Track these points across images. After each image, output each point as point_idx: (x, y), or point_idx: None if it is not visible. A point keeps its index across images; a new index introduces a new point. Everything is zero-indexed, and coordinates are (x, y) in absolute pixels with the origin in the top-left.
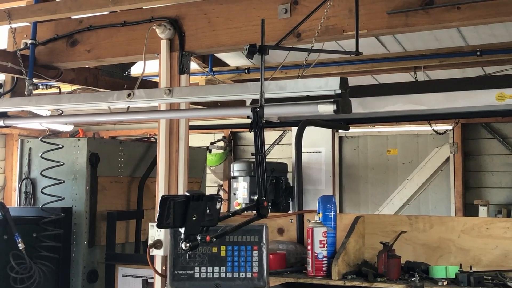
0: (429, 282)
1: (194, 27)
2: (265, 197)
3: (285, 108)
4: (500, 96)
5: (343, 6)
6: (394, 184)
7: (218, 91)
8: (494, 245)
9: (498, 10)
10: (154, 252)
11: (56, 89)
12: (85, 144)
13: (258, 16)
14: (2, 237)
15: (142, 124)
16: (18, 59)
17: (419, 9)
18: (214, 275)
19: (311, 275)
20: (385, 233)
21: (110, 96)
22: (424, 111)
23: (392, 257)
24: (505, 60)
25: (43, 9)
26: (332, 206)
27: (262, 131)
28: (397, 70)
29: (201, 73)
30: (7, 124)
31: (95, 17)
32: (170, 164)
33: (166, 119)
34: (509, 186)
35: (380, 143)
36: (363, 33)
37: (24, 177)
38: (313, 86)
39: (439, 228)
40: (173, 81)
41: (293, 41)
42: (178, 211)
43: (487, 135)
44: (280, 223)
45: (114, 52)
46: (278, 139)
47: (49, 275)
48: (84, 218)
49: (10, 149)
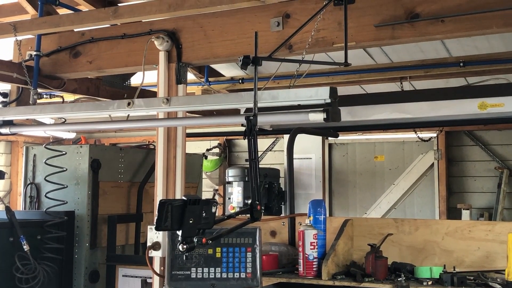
0: (415, 282)
1: (190, 39)
2: (258, 201)
3: (277, 117)
4: (482, 105)
5: (332, 19)
6: (381, 189)
7: (213, 101)
8: (476, 247)
9: (480, 23)
10: (153, 253)
11: (60, 99)
12: (87, 151)
13: (252, 29)
14: (8, 239)
15: (141, 132)
16: (23, 70)
17: (405, 22)
18: (210, 275)
19: (302, 276)
20: (372, 235)
21: (111, 105)
22: (409, 119)
23: (379, 258)
24: (486, 71)
25: (47, 22)
26: (322, 209)
27: (256, 138)
28: (384, 81)
29: (197, 83)
30: (13, 131)
31: (97, 30)
32: (168, 169)
33: (164, 127)
34: (490, 191)
35: (367, 150)
36: (352, 45)
37: (29, 182)
38: (304, 96)
39: (424, 230)
40: (171, 91)
41: (285, 52)
42: (175, 214)
43: (469, 142)
44: (272, 226)
45: (115, 63)
46: (271, 146)
47: (52, 275)
48: (86, 221)
49: (16, 156)
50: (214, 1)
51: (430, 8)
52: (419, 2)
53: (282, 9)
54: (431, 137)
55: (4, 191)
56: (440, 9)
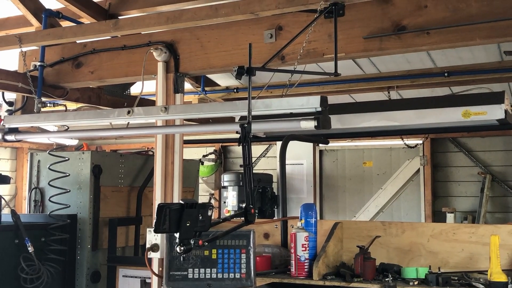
0: (401, 282)
1: (188, 50)
2: (252, 205)
3: (270, 124)
4: (465, 113)
5: (323, 31)
6: (370, 193)
7: (209, 109)
8: (460, 248)
9: (463, 35)
10: (152, 255)
11: (63, 107)
12: (89, 157)
13: (246, 40)
14: (13, 241)
15: (141, 139)
16: (28, 80)
17: (392, 34)
18: (206, 275)
19: (294, 276)
20: (361, 237)
21: (112, 113)
22: (396, 127)
23: (367, 259)
24: (470, 81)
25: (51, 34)
26: (313, 213)
27: (250, 145)
28: (372, 90)
29: (194, 92)
30: (18, 138)
31: (98, 42)
32: (166, 175)
33: (162, 134)
34: (474, 195)
35: (356, 156)
36: (341, 56)
37: (34, 187)
38: (296, 104)
39: (410, 233)
40: (169, 100)
41: (278, 63)
42: (173, 217)
43: (454, 149)
44: (266, 229)
45: (115, 73)
46: (264, 152)
47: (56, 275)
48: (88, 224)
49: (21, 161)
50: (210, 14)
51: (416, 21)
52: (406, 15)
53: (275, 21)
54: (417, 144)
55: (10, 196)
56: (425, 21)
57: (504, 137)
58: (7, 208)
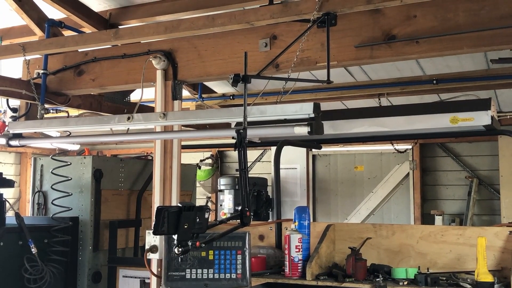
0: (391, 282)
1: (185, 58)
2: (248, 208)
3: (265, 130)
4: (453, 119)
5: (316, 40)
6: (361, 196)
7: (206, 115)
8: (448, 249)
9: (451, 44)
10: (151, 256)
11: (65, 113)
12: (90, 162)
13: (242, 49)
14: (17, 242)
15: (140, 144)
16: (31, 87)
17: (382, 43)
18: (203, 276)
19: (288, 276)
20: (353, 239)
21: (112, 119)
22: (387, 132)
23: (359, 260)
24: (458, 88)
25: (54, 43)
26: (306, 215)
27: (245, 150)
28: (363, 97)
29: (191, 99)
30: (22, 143)
31: (99, 50)
32: (165, 178)
33: (161, 140)
34: (461, 198)
35: (348, 160)
36: (334, 64)
37: (37, 190)
38: (290, 111)
39: (400, 235)
40: (167, 106)
41: (272, 71)
42: (171, 220)
43: (442, 154)
44: (261, 231)
45: (116, 81)
46: (259, 157)
47: (58, 276)
48: (89, 226)
49: (25, 166)
50: (207, 24)
51: (405, 30)
52: (396, 25)
53: (270, 31)
54: (407, 149)
55: (14, 199)
56: (415, 31)
57: (491, 142)
58: (12, 211)
